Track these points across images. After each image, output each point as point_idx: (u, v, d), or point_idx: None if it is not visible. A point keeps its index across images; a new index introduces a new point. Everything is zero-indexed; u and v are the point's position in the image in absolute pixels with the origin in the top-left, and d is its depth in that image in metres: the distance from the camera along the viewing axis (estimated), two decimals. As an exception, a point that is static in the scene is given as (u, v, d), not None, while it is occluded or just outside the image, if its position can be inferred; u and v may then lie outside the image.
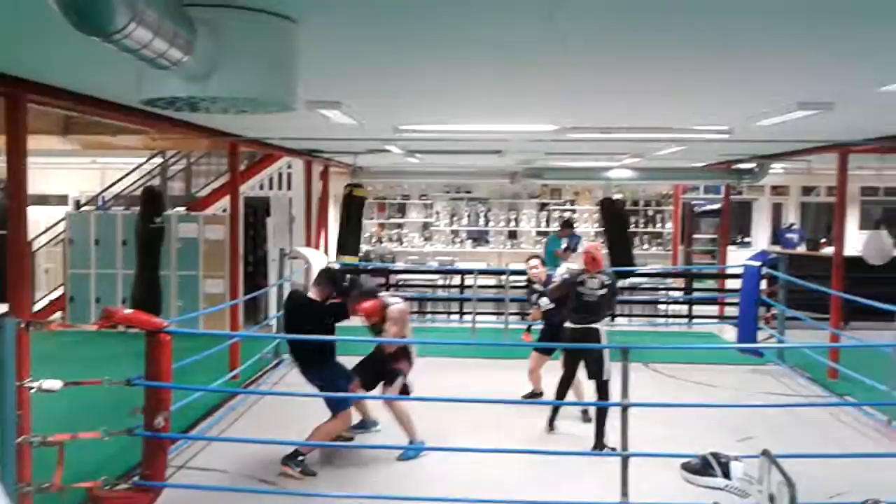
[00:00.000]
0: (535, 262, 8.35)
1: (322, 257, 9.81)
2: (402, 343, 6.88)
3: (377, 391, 6.94)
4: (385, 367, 6.92)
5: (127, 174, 15.13)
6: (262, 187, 14.16)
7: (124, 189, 15.08)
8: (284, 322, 7.01)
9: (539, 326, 8.50)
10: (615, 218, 13.96)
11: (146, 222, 10.20)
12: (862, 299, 8.59)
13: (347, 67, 4.83)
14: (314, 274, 7.75)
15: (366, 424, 7.35)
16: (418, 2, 3.30)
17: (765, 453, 3.30)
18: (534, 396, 8.34)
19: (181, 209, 13.37)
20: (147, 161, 15.00)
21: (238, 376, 9.18)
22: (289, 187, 14.23)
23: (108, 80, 5.16)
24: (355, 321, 7.00)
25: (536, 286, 8.19)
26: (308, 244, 13.05)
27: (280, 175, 14.27)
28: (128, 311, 5.76)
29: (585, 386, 7.48)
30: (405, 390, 6.96)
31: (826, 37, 3.88)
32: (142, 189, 12.35)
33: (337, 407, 6.53)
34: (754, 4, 3.28)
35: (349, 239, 12.82)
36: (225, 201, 12.62)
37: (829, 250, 12.72)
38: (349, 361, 6.95)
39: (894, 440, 7.40)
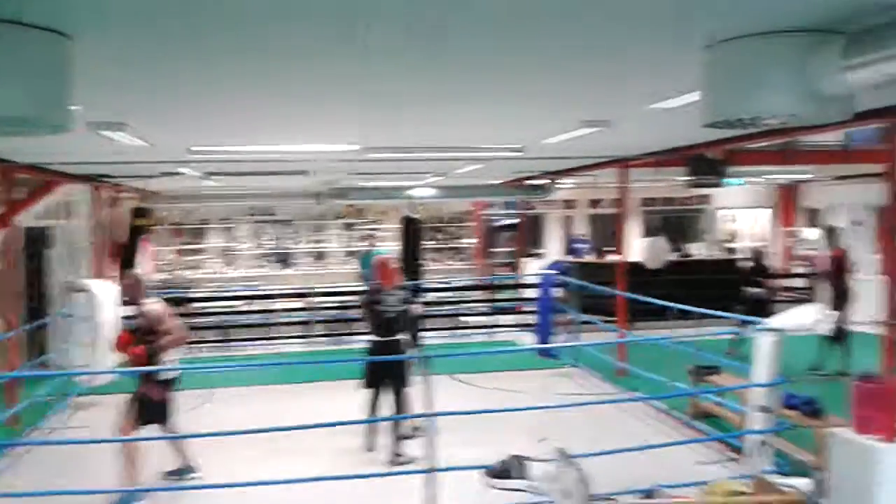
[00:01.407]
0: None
1: (111, 288, 9.19)
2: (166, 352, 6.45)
3: (155, 429, 6.50)
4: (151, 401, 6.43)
5: None
6: (47, 215, 13.06)
7: None
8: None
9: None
10: (412, 235, 14.25)
11: None
12: (645, 298, 9.33)
13: (131, 86, 4.59)
14: (104, 306, 7.25)
15: (181, 471, 6.74)
16: (204, 15, 3.18)
17: (560, 452, 3.48)
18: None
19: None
20: None
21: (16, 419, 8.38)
22: (72, 216, 13.25)
23: None
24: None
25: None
26: (98, 275, 12.21)
27: (67, 203, 13.25)
28: None
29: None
30: (157, 418, 6.50)
31: (600, 59, 4.19)
32: None
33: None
34: (535, 31, 3.48)
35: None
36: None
37: (614, 257, 13.71)
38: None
39: (676, 428, 8.10)
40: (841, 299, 10.48)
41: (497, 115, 6.36)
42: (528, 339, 13.08)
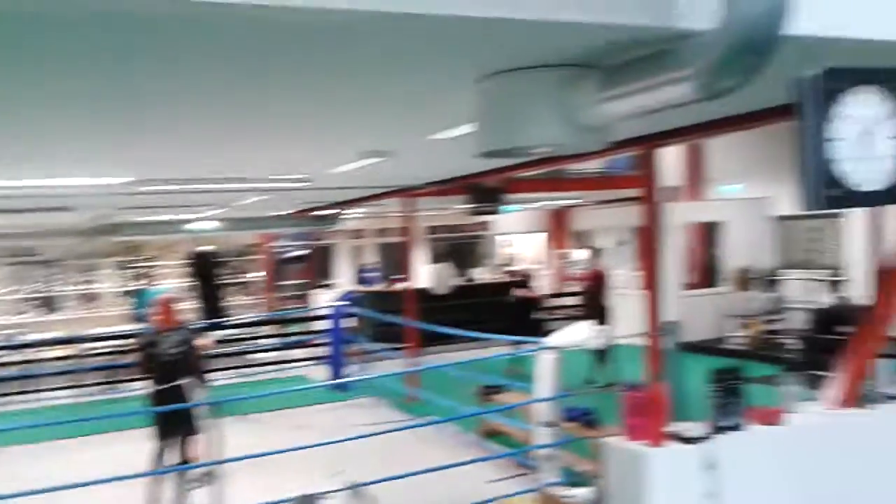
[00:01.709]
0: None
1: None
2: None
3: None
4: None
5: None
6: None
7: None
8: None
9: None
10: (208, 270, 13.67)
11: None
12: (431, 326, 9.52)
13: None
14: None
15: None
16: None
17: (351, 484, 3.43)
18: None
19: None
20: None
21: None
22: None
23: None
24: None
25: None
26: None
27: None
28: None
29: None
30: None
31: (377, 92, 4.22)
32: None
33: None
34: (308, 67, 3.44)
35: None
36: None
37: (404, 285, 13.92)
38: None
39: (467, 449, 8.30)
40: (599, 315, 11.31)
41: (279, 146, 6.25)
42: (321, 373, 12.90)
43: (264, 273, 18.61)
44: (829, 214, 13.05)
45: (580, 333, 6.76)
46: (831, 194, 3.18)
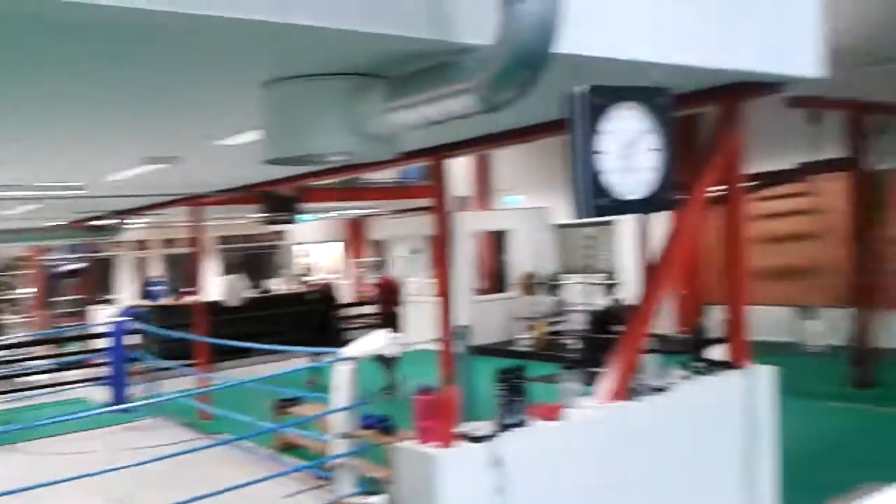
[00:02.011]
0: None
1: None
2: None
3: None
4: None
5: None
6: None
7: None
8: None
9: None
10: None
11: None
12: (221, 341, 9.18)
13: None
14: None
15: None
16: None
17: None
18: None
19: None
20: None
21: None
22: None
23: None
24: None
25: None
26: None
27: None
28: None
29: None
30: None
31: (155, 99, 4.03)
32: None
33: None
34: (81, 74, 3.21)
35: None
36: None
37: (193, 298, 13.33)
38: None
39: (263, 464, 8.07)
40: (392, 323, 11.51)
41: (47, 151, 5.77)
42: (101, 394, 12.02)
43: (35, 289, 17.07)
44: (603, 222, 14.10)
45: (376, 342, 6.81)
46: (599, 203, 3.44)
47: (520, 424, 4.13)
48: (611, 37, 3.46)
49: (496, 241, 16.77)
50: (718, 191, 5.14)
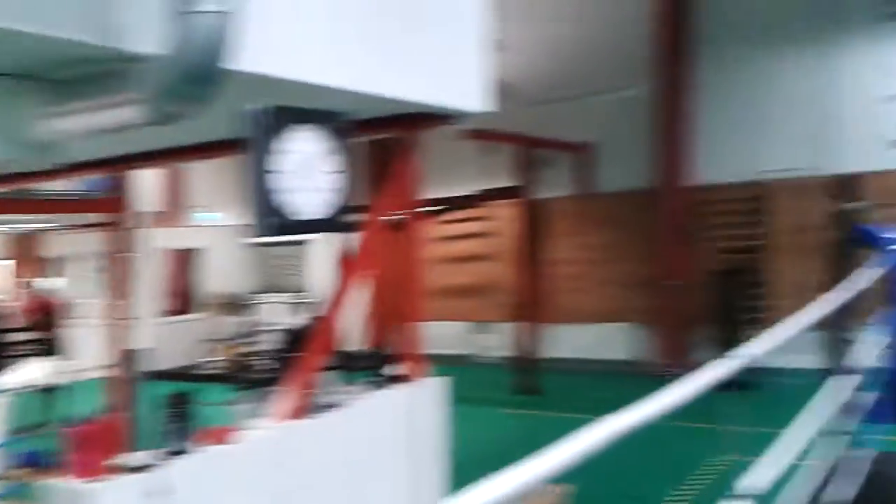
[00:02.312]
0: None
1: None
2: None
3: None
4: None
5: None
6: None
7: None
8: None
9: None
10: None
11: None
12: None
13: None
14: None
15: None
16: None
17: None
18: None
19: None
20: None
21: None
22: None
23: None
24: None
25: None
26: None
27: None
28: None
29: None
30: None
31: None
32: None
33: None
34: None
35: None
36: None
37: None
38: None
39: None
40: (49, 348, 10.38)
41: None
42: None
43: None
44: (295, 241, 14.16)
45: (37, 371, 6.17)
46: (273, 222, 3.46)
47: (185, 451, 3.97)
48: (287, 59, 3.52)
49: (188, 259, 16.06)
50: (399, 214, 5.42)
